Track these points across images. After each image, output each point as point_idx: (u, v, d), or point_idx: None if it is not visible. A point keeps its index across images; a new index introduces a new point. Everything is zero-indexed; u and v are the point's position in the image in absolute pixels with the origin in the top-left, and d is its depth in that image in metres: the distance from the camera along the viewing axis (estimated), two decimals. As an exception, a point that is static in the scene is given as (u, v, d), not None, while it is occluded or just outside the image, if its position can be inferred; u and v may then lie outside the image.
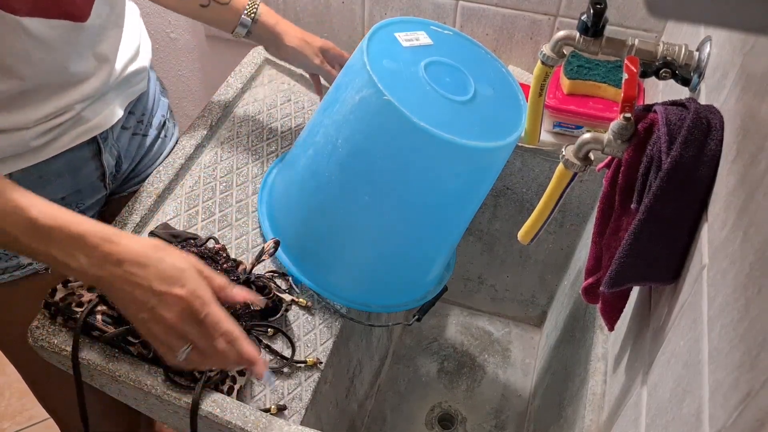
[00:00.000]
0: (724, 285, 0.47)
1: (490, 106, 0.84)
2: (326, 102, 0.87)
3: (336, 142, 0.82)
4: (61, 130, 0.77)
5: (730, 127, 0.55)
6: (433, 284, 0.98)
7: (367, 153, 0.81)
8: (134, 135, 0.93)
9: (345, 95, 0.82)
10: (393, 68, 0.80)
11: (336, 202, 0.85)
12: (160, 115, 0.98)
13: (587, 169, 0.68)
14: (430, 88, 0.80)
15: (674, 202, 0.56)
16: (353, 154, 0.81)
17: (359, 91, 0.79)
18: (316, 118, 0.89)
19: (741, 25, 0.28)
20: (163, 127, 0.99)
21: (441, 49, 0.86)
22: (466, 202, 0.88)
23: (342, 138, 0.82)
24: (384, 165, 0.81)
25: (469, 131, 0.78)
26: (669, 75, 0.71)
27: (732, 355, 0.42)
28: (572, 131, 1.10)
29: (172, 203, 0.92)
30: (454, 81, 0.83)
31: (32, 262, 0.83)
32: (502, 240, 1.30)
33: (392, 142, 0.78)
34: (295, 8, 1.31)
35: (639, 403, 0.63)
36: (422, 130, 0.75)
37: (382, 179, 0.82)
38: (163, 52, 1.51)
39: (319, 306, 0.88)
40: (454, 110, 0.80)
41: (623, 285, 0.62)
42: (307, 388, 0.81)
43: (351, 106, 0.80)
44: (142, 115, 0.94)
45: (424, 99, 0.79)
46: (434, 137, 0.75)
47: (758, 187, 0.44)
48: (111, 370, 0.74)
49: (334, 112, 0.83)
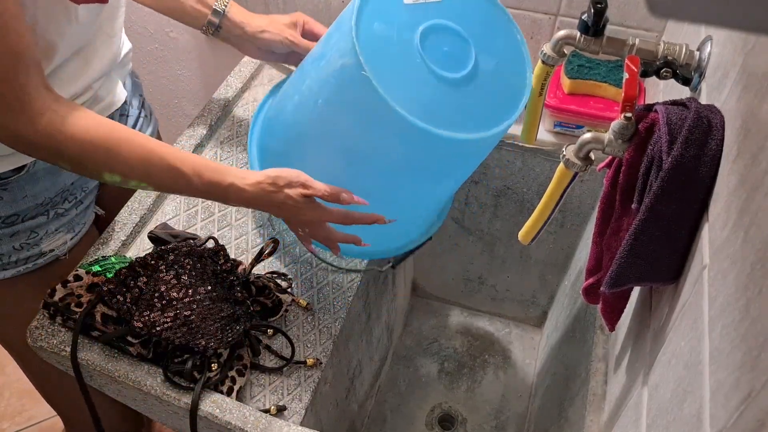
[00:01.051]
0: (725, 285, 0.47)
1: (487, 86, 0.77)
2: (316, 51, 0.84)
3: (317, 101, 0.79)
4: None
5: (731, 126, 0.55)
6: (419, 233, 0.96)
7: (342, 123, 0.78)
8: (121, 116, 0.93)
9: (331, 54, 0.77)
10: (383, 34, 0.74)
11: (315, 156, 0.83)
12: (138, 95, 0.98)
13: (588, 168, 0.68)
14: (420, 61, 0.73)
15: (675, 202, 0.56)
16: (330, 120, 0.79)
17: (342, 56, 0.74)
18: (307, 62, 0.86)
19: (741, 25, 0.28)
20: (142, 106, 0.99)
21: (449, 8, 0.77)
22: (446, 177, 0.85)
23: (322, 99, 0.79)
24: (359, 139, 0.78)
25: (451, 118, 0.73)
26: (670, 74, 0.71)
27: (733, 356, 0.42)
28: (573, 131, 1.10)
29: (172, 203, 0.91)
30: (452, 51, 0.76)
31: (54, 249, 0.84)
32: (502, 240, 1.30)
33: (369, 120, 0.74)
34: (295, 8, 1.31)
35: (640, 404, 0.63)
36: (398, 114, 0.70)
37: (356, 150, 0.80)
38: (163, 52, 1.51)
39: (318, 306, 0.88)
40: (441, 91, 0.74)
41: (624, 285, 0.62)
42: (307, 389, 0.81)
43: (332, 71, 0.76)
44: (130, 106, 0.94)
45: (410, 75, 0.73)
46: (409, 123, 0.71)
47: (759, 187, 0.44)
48: (110, 371, 0.74)
49: (320, 68, 0.79)
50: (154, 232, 0.84)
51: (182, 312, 0.72)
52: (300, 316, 0.86)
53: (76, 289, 0.76)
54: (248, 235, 0.92)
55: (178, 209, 0.91)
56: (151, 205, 0.89)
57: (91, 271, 0.78)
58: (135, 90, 0.97)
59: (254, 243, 0.91)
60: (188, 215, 0.91)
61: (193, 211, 0.91)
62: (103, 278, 0.77)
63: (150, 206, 0.89)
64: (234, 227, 0.92)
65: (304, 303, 0.86)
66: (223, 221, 0.92)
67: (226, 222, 0.92)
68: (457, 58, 0.76)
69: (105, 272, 0.78)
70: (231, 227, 0.91)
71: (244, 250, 0.90)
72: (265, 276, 0.84)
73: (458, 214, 1.27)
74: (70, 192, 0.84)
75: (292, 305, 0.85)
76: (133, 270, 0.75)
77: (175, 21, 0.92)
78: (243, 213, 0.93)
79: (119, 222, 0.87)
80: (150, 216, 0.89)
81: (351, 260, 0.93)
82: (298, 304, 0.86)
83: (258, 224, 0.93)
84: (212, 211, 0.92)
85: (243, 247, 0.90)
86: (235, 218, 0.92)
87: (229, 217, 0.92)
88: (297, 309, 0.86)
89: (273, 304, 0.83)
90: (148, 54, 1.51)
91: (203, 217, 0.91)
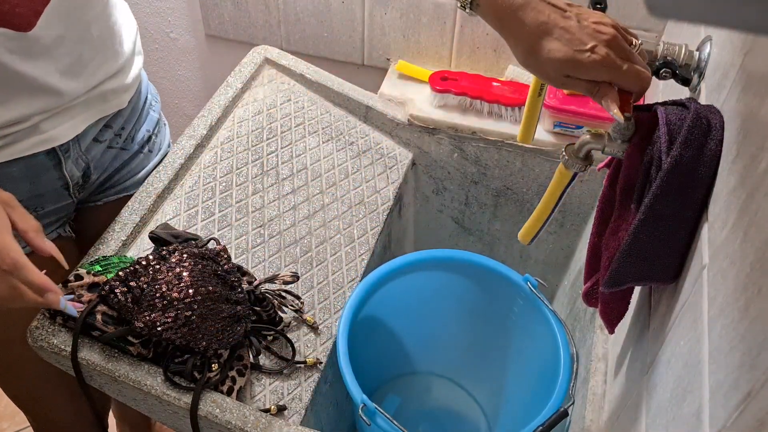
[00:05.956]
0: (725, 285, 0.47)
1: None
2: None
3: None
4: (15, 137, 0.76)
5: (731, 127, 0.55)
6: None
7: None
8: (110, 148, 0.90)
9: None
10: None
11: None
12: (144, 131, 0.96)
13: (588, 169, 0.68)
14: None
15: (674, 202, 0.56)
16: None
17: None
18: None
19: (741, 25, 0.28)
20: (147, 142, 0.97)
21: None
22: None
23: None
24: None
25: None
26: (669, 75, 0.71)
27: (732, 355, 0.42)
28: (572, 131, 1.10)
29: (172, 203, 0.91)
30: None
31: (58, 227, 0.83)
32: (502, 240, 1.30)
33: None
34: (295, 8, 1.31)
35: (639, 403, 0.63)
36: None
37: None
38: (163, 52, 1.51)
39: (319, 306, 0.88)
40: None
41: (623, 285, 0.62)
42: (307, 389, 0.81)
43: None
44: (122, 129, 0.91)
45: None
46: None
47: (759, 187, 0.44)
48: (110, 371, 0.74)
49: None
50: (155, 233, 0.84)
51: (183, 312, 0.72)
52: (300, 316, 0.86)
53: (77, 289, 0.76)
54: (248, 235, 0.92)
55: (179, 209, 0.91)
56: (152, 205, 0.90)
57: (91, 271, 0.78)
58: (143, 124, 0.96)
59: (254, 243, 0.91)
60: (188, 215, 0.91)
61: (194, 211, 0.92)
62: (104, 278, 0.77)
63: (150, 206, 0.89)
64: (234, 227, 0.92)
65: (311, 320, 0.86)
66: (223, 221, 0.92)
67: (226, 222, 0.92)
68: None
69: (106, 272, 0.78)
70: (231, 227, 0.92)
71: (244, 251, 0.90)
72: (274, 291, 0.84)
73: (458, 214, 1.27)
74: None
75: (293, 321, 0.85)
76: (134, 270, 0.75)
77: (175, 21, 0.91)
78: (243, 213, 0.94)
79: (120, 222, 0.87)
80: (150, 216, 0.89)
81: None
82: (306, 322, 0.86)
83: (258, 224, 0.93)
84: (212, 211, 0.92)
85: (243, 247, 0.90)
86: (235, 218, 0.93)
87: (230, 217, 0.93)
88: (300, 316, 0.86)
89: (269, 318, 0.82)
90: (148, 54, 1.51)
91: (203, 217, 0.91)
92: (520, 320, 1.01)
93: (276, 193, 0.98)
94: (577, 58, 0.59)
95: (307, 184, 1.01)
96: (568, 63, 0.59)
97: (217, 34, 1.41)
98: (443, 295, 1.06)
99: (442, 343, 1.13)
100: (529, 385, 1.01)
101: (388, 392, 1.14)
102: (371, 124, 1.15)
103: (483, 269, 1.00)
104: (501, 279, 0.98)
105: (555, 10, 0.60)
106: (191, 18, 1.42)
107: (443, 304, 1.07)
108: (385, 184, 1.08)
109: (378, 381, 1.15)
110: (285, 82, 1.12)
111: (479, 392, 1.16)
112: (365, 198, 1.04)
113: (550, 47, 0.60)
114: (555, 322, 0.91)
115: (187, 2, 1.40)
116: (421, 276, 1.02)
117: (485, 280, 1.00)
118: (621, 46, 0.60)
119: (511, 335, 1.04)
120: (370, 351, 1.00)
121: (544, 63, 0.60)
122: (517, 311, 1.00)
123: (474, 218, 1.28)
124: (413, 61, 1.29)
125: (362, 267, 0.96)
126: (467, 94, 1.14)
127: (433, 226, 1.30)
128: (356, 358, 0.85)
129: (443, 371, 1.18)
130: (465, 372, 1.16)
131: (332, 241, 0.97)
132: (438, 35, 1.25)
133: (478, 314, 1.06)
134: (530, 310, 0.96)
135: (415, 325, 1.10)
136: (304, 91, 1.12)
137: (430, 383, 1.17)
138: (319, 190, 1.01)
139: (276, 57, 1.13)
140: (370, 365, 1.00)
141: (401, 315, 1.06)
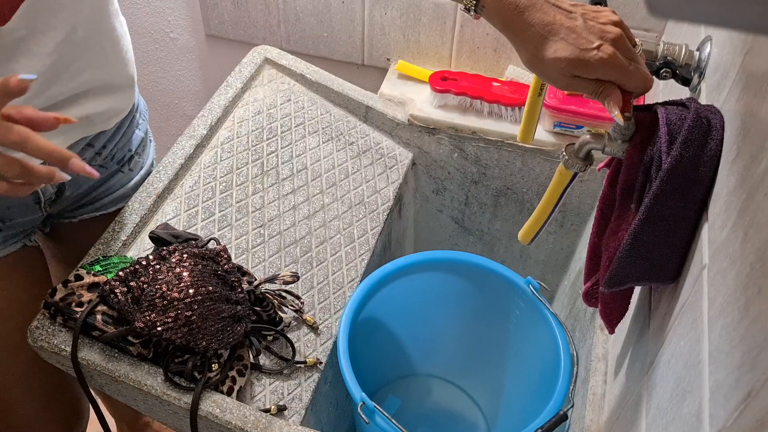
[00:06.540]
0: (725, 285, 0.47)
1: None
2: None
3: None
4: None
5: (731, 127, 0.55)
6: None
7: None
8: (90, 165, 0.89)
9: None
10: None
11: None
12: (126, 150, 0.94)
13: (588, 169, 0.68)
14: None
15: (674, 202, 0.56)
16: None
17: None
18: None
19: (741, 25, 0.28)
20: (128, 162, 0.95)
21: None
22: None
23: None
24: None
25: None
26: (669, 75, 0.71)
27: (732, 355, 0.42)
28: (572, 131, 1.10)
29: (172, 203, 0.91)
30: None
31: (23, 237, 0.81)
32: (502, 240, 1.30)
33: None
34: (295, 8, 1.31)
35: (639, 403, 0.63)
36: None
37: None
38: (163, 52, 1.51)
39: (319, 306, 0.88)
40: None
41: (623, 285, 0.62)
42: (307, 389, 0.81)
43: None
44: (103, 148, 0.89)
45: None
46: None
47: (759, 187, 0.44)
48: (110, 371, 0.74)
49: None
50: (155, 233, 0.84)
51: (183, 312, 0.72)
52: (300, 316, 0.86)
53: (77, 289, 0.76)
54: (248, 235, 0.92)
55: (179, 209, 0.91)
56: (152, 205, 0.90)
57: (92, 270, 0.78)
58: (125, 144, 0.93)
59: (254, 243, 0.91)
60: (189, 215, 0.91)
61: (194, 211, 0.92)
62: (104, 278, 0.77)
63: (150, 206, 0.89)
64: (234, 227, 0.92)
65: (311, 321, 0.86)
66: (223, 221, 0.92)
67: (226, 222, 0.92)
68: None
69: (106, 272, 0.78)
70: (231, 227, 0.92)
71: (244, 251, 0.90)
72: (274, 291, 0.84)
73: (458, 214, 1.27)
74: None
75: (293, 322, 0.85)
76: (134, 270, 0.75)
77: (175, 21, 0.91)
78: (243, 213, 0.94)
79: (120, 222, 0.87)
80: (150, 216, 0.89)
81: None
82: (306, 323, 0.86)
83: (258, 224, 0.93)
84: (212, 211, 0.92)
85: (243, 247, 0.90)
86: (235, 218, 0.93)
87: (230, 217, 0.93)
88: (300, 316, 0.86)
89: (269, 318, 0.82)
90: (148, 54, 1.51)
91: (203, 217, 0.91)
92: (520, 323, 1.01)
93: (276, 193, 0.98)
94: (583, 57, 0.59)
95: (307, 184, 1.01)
96: (575, 62, 0.59)
97: (217, 34, 1.41)
98: (444, 297, 1.05)
99: (442, 345, 1.13)
100: (528, 387, 1.01)
101: (388, 394, 1.14)
102: (371, 124, 1.15)
103: (484, 271, 1.00)
104: (502, 281, 0.98)
105: (560, 11, 0.60)
106: (191, 18, 1.42)
107: (444, 306, 1.07)
108: (385, 184, 1.08)
109: (378, 383, 1.15)
110: (285, 82, 1.12)
111: (479, 394, 1.16)
112: (365, 198, 1.04)
113: (557, 47, 0.60)
114: (556, 325, 0.91)
115: (187, 2, 1.40)
116: (423, 277, 1.01)
117: (487, 282, 1.00)
118: (626, 46, 0.61)
119: (511, 338, 1.04)
120: (370, 352, 1.00)
121: (550, 63, 0.60)
122: (518, 314, 1.00)
123: (474, 218, 1.28)
124: (413, 61, 1.29)
125: (362, 267, 0.96)
126: (467, 94, 1.14)
127: (433, 226, 1.30)
128: (356, 359, 0.85)
129: (443, 373, 1.17)
130: (465, 374, 1.16)
131: (332, 241, 0.97)
132: (438, 35, 1.25)
133: (479, 316, 1.06)
134: (531, 312, 0.96)
135: (416, 327, 1.10)
136: (304, 91, 1.12)
137: (430, 385, 1.17)
138: (319, 190, 1.01)
139: (276, 57, 1.13)
140: (370, 367, 1.00)
141: (402, 316, 1.06)
